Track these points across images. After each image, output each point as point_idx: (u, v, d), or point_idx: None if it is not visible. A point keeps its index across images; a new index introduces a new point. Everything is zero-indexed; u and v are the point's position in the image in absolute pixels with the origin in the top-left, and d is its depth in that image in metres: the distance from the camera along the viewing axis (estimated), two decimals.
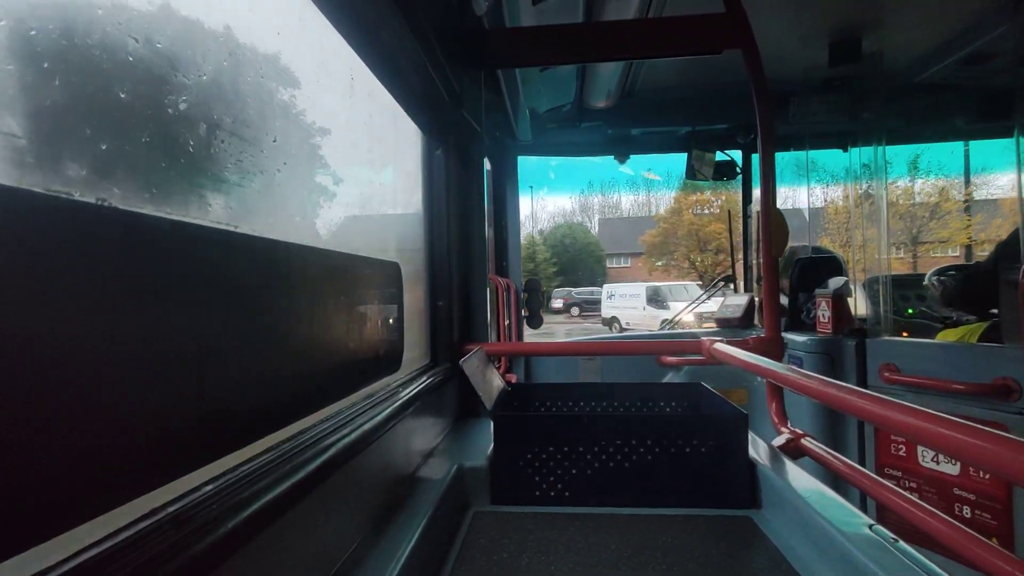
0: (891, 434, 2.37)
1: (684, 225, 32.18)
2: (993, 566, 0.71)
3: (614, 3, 1.94)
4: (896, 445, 2.36)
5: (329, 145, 0.98)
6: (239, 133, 0.67)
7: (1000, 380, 1.98)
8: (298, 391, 0.78)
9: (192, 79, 0.58)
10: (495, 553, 0.95)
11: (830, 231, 15.75)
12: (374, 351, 1.10)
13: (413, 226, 1.56)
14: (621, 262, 39.61)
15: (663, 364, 3.07)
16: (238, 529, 0.52)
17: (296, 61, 0.84)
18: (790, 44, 2.53)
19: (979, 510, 2.06)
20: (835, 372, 2.58)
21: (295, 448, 0.70)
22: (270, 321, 0.70)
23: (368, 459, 0.89)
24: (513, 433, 1.17)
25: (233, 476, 0.58)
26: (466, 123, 1.74)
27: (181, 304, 0.53)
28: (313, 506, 0.69)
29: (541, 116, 3.11)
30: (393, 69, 1.26)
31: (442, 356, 1.61)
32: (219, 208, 0.62)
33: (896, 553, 0.76)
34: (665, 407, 1.51)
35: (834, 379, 0.81)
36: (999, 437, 0.47)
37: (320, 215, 0.94)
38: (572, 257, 36.22)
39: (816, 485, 1.01)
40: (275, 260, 0.73)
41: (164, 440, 0.51)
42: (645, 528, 1.04)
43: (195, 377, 0.55)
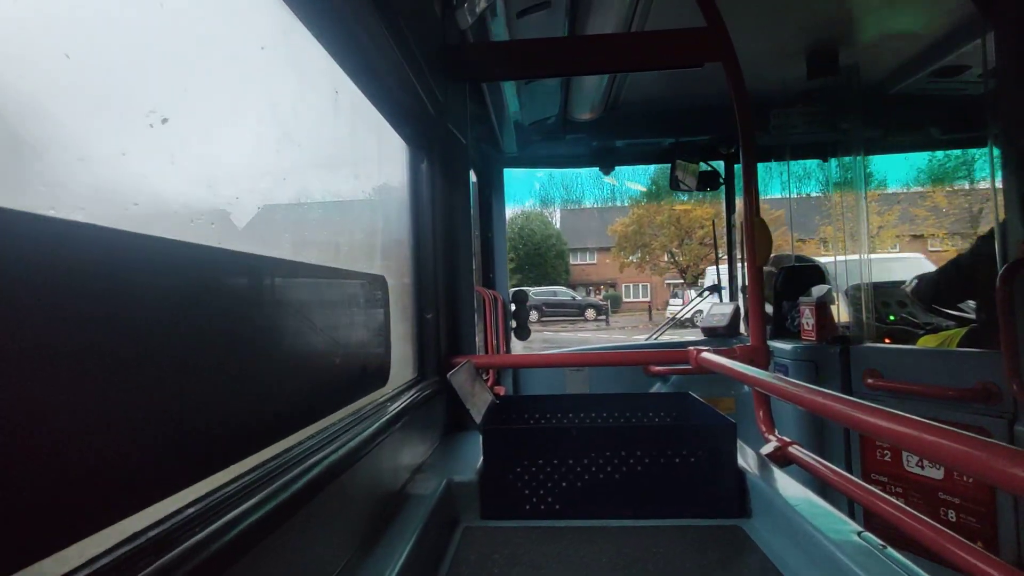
0: (876, 440, 2.39)
1: (663, 211, 27.76)
2: (978, 570, 0.72)
3: (597, 17, 1.96)
4: (881, 451, 2.39)
5: (313, 158, 0.97)
6: (216, 147, 0.66)
7: (981, 384, 2.01)
8: (283, 408, 0.77)
9: (171, 89, 0.58)
10: (486, 569, 0.94)
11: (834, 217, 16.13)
12: (361, 366, 1.09)
13: (399, 239, 1.55)
14: (587, 258, 35.03)
15: (650, 374, 3.08)
16: (223, 551, 0.51)
17: (279, 74, 0.83)
18: (769, 57, 2.58)
19: (964, 514, 2.08)
20: (820, 379, 2.60)
21: (281, 466, 0.69)
22: (254, 337, 0.69)
23: (356, 476, 0.87)
24: (502, 446, 1.16)
25: (217, 497, 0.57)
26: (451, 136, 1.74)
27: (162, 321, 0.52)
28: (300, 525, 0.68)
29: (526, 129, 3.14)
30: (377, 82, 1.27)
31: (430, 370, 1.60)
32: (202, 223, 0.61)
33: (885, 560, 0.76)
34: (654, 417, 1.51)
35: (819, 386, 0.81)
36: (981, 442, 0.47)
37: (304, 228, 0.93)
38: (530, 252, 31.29)
39: (804, 493, 1.01)
40: (259, 275, 0.72)
41: (145, 462, 0.50)
42: (636, 540, 1.03)
43: (176, 395, 0.54)
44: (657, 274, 30.58)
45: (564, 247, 32.70)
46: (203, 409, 0.58)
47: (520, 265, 30.53)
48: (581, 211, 34.94)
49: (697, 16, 1.70)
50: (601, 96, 2.73)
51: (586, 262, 35.25)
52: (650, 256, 30.09)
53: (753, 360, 1.59)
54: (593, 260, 35.08)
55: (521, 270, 30.41)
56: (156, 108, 0.54)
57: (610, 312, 26.91)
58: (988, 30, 1.97)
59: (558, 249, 32.49)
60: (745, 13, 2.14)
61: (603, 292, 33.42)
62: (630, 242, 29.66)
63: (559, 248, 32.56)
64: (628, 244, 29.85)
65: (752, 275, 1.71)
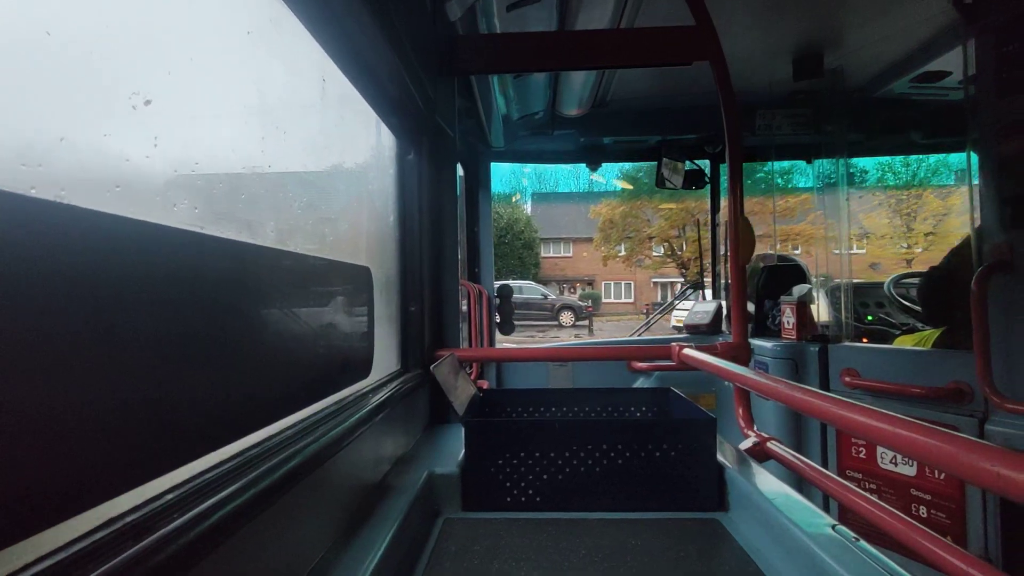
0: (852, 437, 2.44)
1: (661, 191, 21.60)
2: (947, 563, 0.74)
3: (587, 13, 1.96)
4: (857, 448, 2.43)
5: (299, 147, 0.96)
6: (200, 132, 0.65)
7: (953, 384, 2.06)
8: (263, 397, 0.77)
9: (154, 71, 0.57)
10: (466, 560, 0.94)
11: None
12: (343, 356, 1.09)
13: (385, 230, 1.55)
14: (560, 249, 29.06)
15: (633, 370, 3.10)
16: (201, 538, 0.51)
17: (266, 60, 0.82)
18: (757, 58, 2.60)
19: (934, 509, 2.14)
20: (799, 377, 2.65)
21: (260, 455, 0.68)
22: (235, 324, 0.69)
23: (336, 466, 0.87)
24: (484, 439, 1.17)
25: (196, 484, 0.56)
26: (439, 128, 1.73)
27: (142, 306, 0.52)
28: (279, 515, 0.68)
29: (514, 123, 3.13)
30: (366, 73, 1.26)
31: (413, 362, 1.60)
32: (185, 207, 0.60)
33: (857, 552, 0.78)
34: (636, 412, 1.53)
35: (798, 383, 0.83)
36: (952, 437, 0.49)
37: (289, 217, 0.92)
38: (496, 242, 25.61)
39: (781, 487, 1.03)
40: (243, 262, 0.71)
41: (122, 447, 0.49)
42: (615, 532, 1.04)
43: (156, 381, 0.53)
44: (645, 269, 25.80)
45: (534, 236, 27.51)
46: (183, 395, 0.57)
47: None
48: (560, 195, 29.17)
49: (686, 15, 1.71)
50: (589, 92, 2.73)
51: (560, 255, 29.40)
52: (639, 247, 24.79)
53: (734, 357, 1.61)
54: (568, 253, 29.37)
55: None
56: (139, 90, 0.53)
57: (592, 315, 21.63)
58: (970, 37, 2.01)
59: (527, 237, 27.37)
60: (733, 13, 2.15)
61: (579, 290, 28.51)
62: (617, 230, 24.29)
63: (528, 236, 27.40)
64: (615, 233, 24.62)
65: (735, 273, 1.73)
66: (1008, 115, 1.84)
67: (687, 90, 2.90)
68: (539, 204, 29.66)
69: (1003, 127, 1.83)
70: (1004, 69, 1.86)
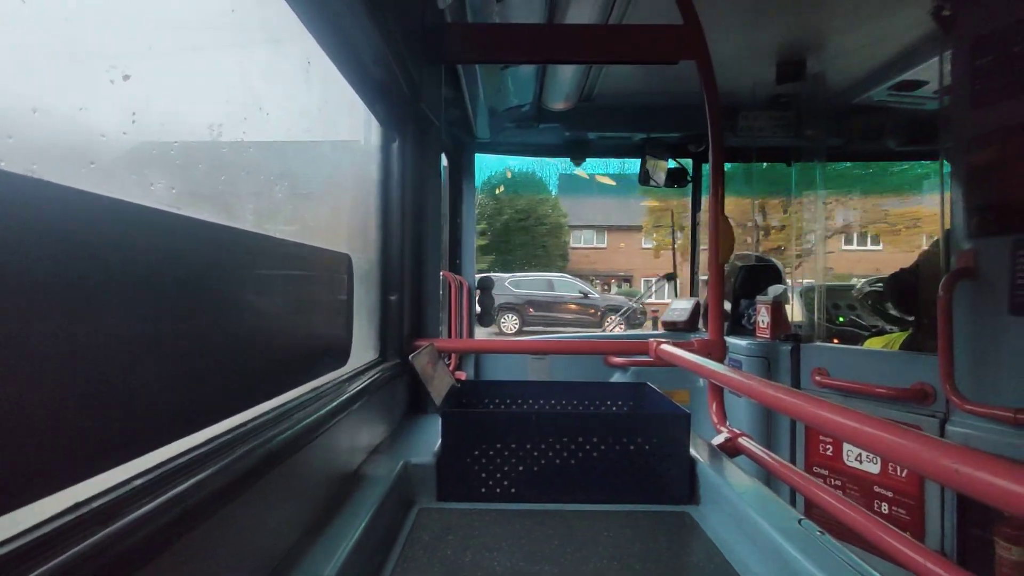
0: (820, 435, 2.50)
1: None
2: (906, 557, 0.77)
3: (576, 7, 1.96)
4: (824, 445, 2.50)
5: (282, 129, 0.95)
6: (180, 109, 0.64)
7: (918, 385, 2.12)
8: (239, 383, 0.76)
9: (134, 45, 0.55)
10: (439, 550, 0.95)
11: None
12: (321, 344, 1.08)
13: (366, 218, 1.53)
14: (593, 239, 23.43)
15: (611, 365, 3.13)
16: (169, 525, 0.50)
17: (250, 39, 0.81)
18: (741, 60, 2.63)
19: (895, 506, 2.21)
20: (771, 374, 2.70)
21: (232, 442, 0.68)
22: (210, 308, 0.67)
23: (310, 455, 0.87)
24: (461, 430, 1.17)
25: (166, 469, 0.56)
26: (424, 117, 1.72)
27: (114, 287, 0.50)
28: (251, 502, 0.67)
29: (499, 115, 3.12)
30: (351, 56, 1.24)
31: (392, 351, 1.59)
32: (162, 187, 0.59)
33: (822, 545, 0.80)
34: (611, 406, 1.54)
35: (770, 381, 0.85)
36: (914, 435, 0.51)
37: (269, 200, 0.91)
38: (510, 223, 20.56)
39: (751, 482, 1.06)
40: (220, 246, 0.70)
41: (89, 431, 0.48)
42: (589, 523, 1.06)
43: (126, 363, 0.52)
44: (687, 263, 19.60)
45: (563, 220, 21.27)
46: (153, 380, 0.56)
47: (495, 244, 19.86)
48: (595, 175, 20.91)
49: (674, 13, 1.71)
50: (576, 87, 2.74)
51: (591, 245, 23.56)
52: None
53: (710, 354, 1.63)
54: (602, 243, 23.73)
55: (497, 250, 19.84)
56: (117, 64, 0.52)
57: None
58: (947, 48, 2.06)
59: (554, 222, 21.19)
60: (720, 15, 2.17)
61: (614, 288, 22.08)
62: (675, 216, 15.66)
63: (556, 221, 21.14)
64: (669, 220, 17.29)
65: (714, 272, 1.75)
66: (979, 126, 1.89)
67: (672, 89, 2.92)
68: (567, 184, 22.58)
69: (974, 138, 1.88)
70: (977, 81, 1.91)
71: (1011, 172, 1.75)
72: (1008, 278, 1.80)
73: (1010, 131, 1.76)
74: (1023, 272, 1.76)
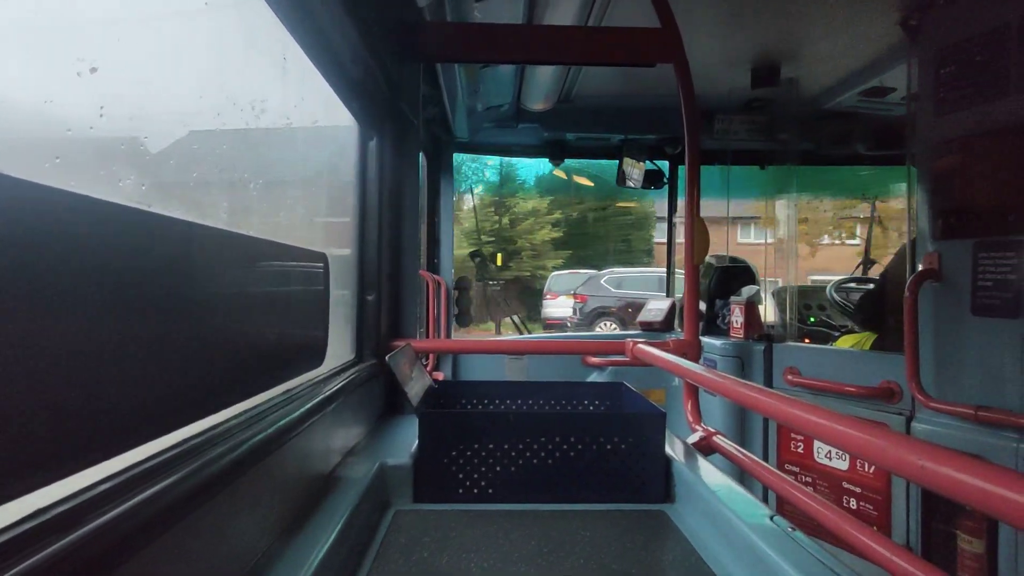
0: (791, 432, 2.56)
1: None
2: (872, 551, 0.79)
3: (554, 8, 1.97)
4: (795, 443, 2.55)
5: (257, 126, 0.93)
6: (151, 103, 0.62)
7: (885, 384, 2.18)
8: (210, 384, 0.74)
9: (103, 37, 0.54)
10: (415, 552, 0.94)
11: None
12: (296, 344, 1.06)
13: (343, 217, 1.52)
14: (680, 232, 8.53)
15: (588, 364, 3.15)
16: (137, 531, 0.49)
17: (225, 33, 0.79)
18: (717, 64, 2.67)
19: (863, 502, 2.27)
20: (745, 374, 2.75)
21: (203, 444, 0.66)
22: (182, 307, 0.66)
23: (284, 457, 0.85)
24: (437, 430, 1.16)
25: (132, 474, 0.54)
26: (402, 115, 1.71)
27: (84, 285, 0.49)
28: (222, 506, 0.66)
29: (478, 114, 3.12)
30: (329, 54, 1.22)
31: (368, 352, 1.58)
32: (131, 184, 0.57)
33: (793, 541, 0.82)
34: (589, 405, 1.55)
35: (744, 380, 0.86)
36: (881, 432, 0.52)
37: (244, 198, 0.89)
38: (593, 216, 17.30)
39: (725, 480, 1.07)
40: (192, 244, 0.68)
41: (51, 435, 0.47)
42: (565, 523, 1.06)
43: (91, 363, 0.50)
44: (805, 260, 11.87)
45: (650, 211, 17.12)
46: (121, 380, 0.55)
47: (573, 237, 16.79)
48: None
49: (652, 17, 1.73)
50: (555, 87, 2.75)
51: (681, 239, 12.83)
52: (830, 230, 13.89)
53: (685, 354, 1.66)
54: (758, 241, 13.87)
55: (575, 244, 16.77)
56: (85, 56, 0.50)
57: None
58: (913, 57, 2.12)
59: (640, 213, 17.23)
60: (697, 20, 2.20)
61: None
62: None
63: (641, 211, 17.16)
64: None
65: (689, 273, 1.78)
66: (943, 133, 1.95)
67: (650, 91, 2.96)
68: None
69: (938, 144, 1.94)
70: (942, 89, 1.97)
71: (973, 178, 1.81)
72: (970, 280, 1.86)
73: (972, 138, 1.83)
74: (985, 274, 1.83)
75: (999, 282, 1.78)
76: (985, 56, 1.82)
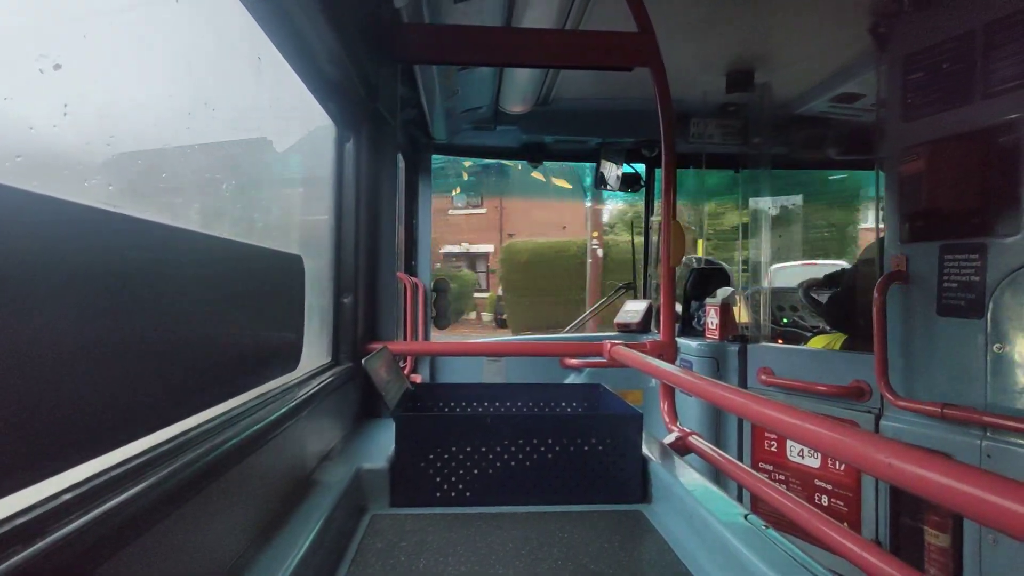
0: (765, 431, 2.60)
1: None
2: (843, 547, 0.81)
3: (532, 11, 1.98)
4: (769, 442, 2.60)
5: (230, 125, 0.92)
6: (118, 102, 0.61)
7: (855, 383, 2.23)
8: (181, 389, 0.72)
9: (67, 33, 0.52)
10: (392, 556, 0.93)
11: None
12: (270, 348, 1.04)
13: (319, 218, 1.50)
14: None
15: (566, 366, 3.17)
16: (104, 539, 0.48)
17: (196, 30, 0.78)
18: (693, 68, 2.71)
19: (835, 498, 2.32)
20: (720, 374, 2.79)
21: (173, 451, 0.65)
22: (149, 311, 0.64)
23: (258, 463, 0.84)
24: (415, 434, 1.16)
25: (99, 482, 0.53)
26: (380, 116, 1.70)
27: (48, 288, 0.47)
28: (193, 514, 0.64)
29: (457, 116, 3.11)
30: (304, 53, 1.21)
31: (345, 355, 1.56)
32: (98, 183, 0.56)
33: (766, 539, 0.83)
34: (566, 407, 1.56)
35: (719, 381, 0.88)
36: (850, 431, 0.53)
37: (216, 199, 0.88)
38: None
39: (700, 480, 1.09)
40: (161, 246, 0.67)
41: (11, 444, 0.45)
42: (542, 525, 1.06)
43: (56, 371, 0.49)
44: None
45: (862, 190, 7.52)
46: (87, 386, 0.53)
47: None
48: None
49: (630, 22, 1.75)
50: (533, 90, 2.76)
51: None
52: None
53: (662, 355, 1.67)
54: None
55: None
56: (48, 52, 0.49)
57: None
58: (882, 64, 2.18)
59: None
60: (674, 24, 2.23)
61: None
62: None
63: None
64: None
65: (666, 275, 1.80)
66: (910, 138, 2.01)
67: (627, 95, 2.98)
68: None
69: (905, 149, 2.00)
70: (909, 95, 2.03)
71: (938, 182, 1.87)
72: (936, 281, 1.92)
73: (938, 143, 1.88)
74: (950, 275, 1.88)
75: (963, 283, 1.84)
76: (951, 63, 1.88)
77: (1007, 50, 1.71)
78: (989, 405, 1.76)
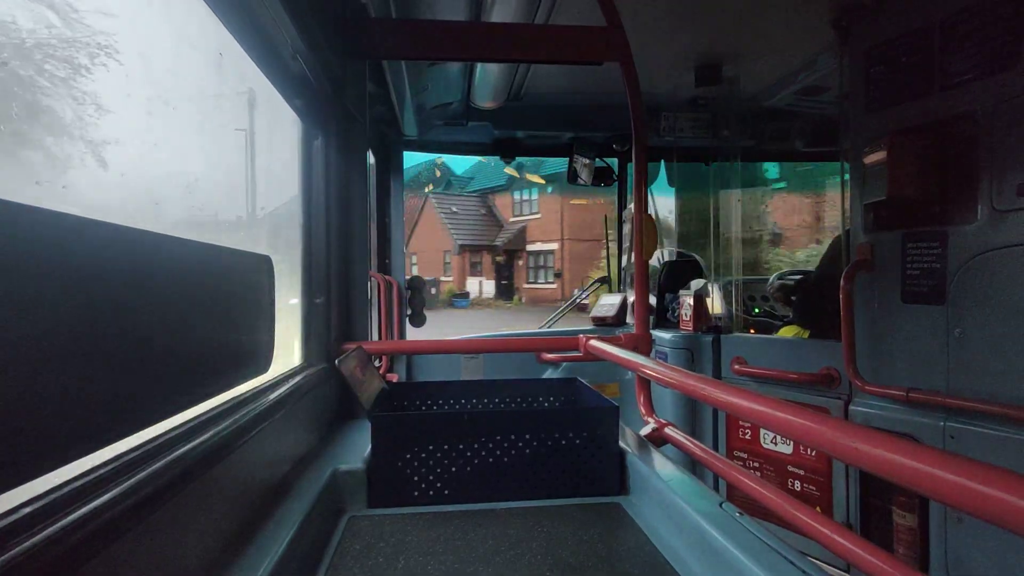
0: (739, 420, 2.65)
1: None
2: (815, 530, 0.83)
3: (500, 5, 1.96)
4: (743, 430, 2.65)
5: (192, 125, 0.89)
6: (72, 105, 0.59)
7: (825, 370, 2.29)
8: (147, 396, 0.70)
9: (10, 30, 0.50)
10: (370, 558, 0.93)
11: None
12: (240, 351, 1.02)
13: (289, 218, 1.47)
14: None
15: (543, 361, 3.18)
16: (70, 552, 0.46)
17: (153, 27, 0.75)
18: (662, 63, 2.74)
19: (807, 483, 2.37)
20: (695, 365, 2.83)
21: (141, 458, 0.63)
22: (115, 316, 0.62)
23: (231, 467, 0.82)
24: (391, 433, 1.15)
25: (61, 494, 0.51)
26: (348, 113, 1.67)
27: (8, 294, 0.45)
28: (164, 521, 0.63)
29: (428, 112, 3.08)
30: (268, 49, 1.18)
31: (318, 356, 1.54)
32: (52, 185, 0.54)
33: (741, 525, 0.85)
34: (544, 402, 1.56)
35: (693, 371, 0.89)
36: (818, 417, 0.54)
37: (180, 200, 0.85)
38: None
39: (676, 470, 1.10)
40: (126, 248, 0.65)
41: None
42: (522, 520, 1.06)
43: (15, 377, 0.47)
44: None
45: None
46: (48, 393, 0.51)
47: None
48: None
49: (598, 16, 1.75)
50: (504, 85, 2.75)
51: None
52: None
53: (636, 347, 1.69)
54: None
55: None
56: None
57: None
58: (845, 57, 2.23)
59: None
60: (642, 19, 2.24)
61: None
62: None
63: None
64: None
65: (639, 268, 1.81)
66: (872, 130, 2.06)
67: (598, 89, 3.00)
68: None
69: (868, 140, 2.05)
70: (871, 88, 2.08)
71: (900, 172, 1.92)
72: (900, 269, 1.97)
73: (899, 134, 1.94)
74: (913, 263, 1.94)
75: (925, 270, 1.89)
76: (911, 56, 1.93)
77: (963, 44, 1.77)
78: (951, 389, 1.82)
